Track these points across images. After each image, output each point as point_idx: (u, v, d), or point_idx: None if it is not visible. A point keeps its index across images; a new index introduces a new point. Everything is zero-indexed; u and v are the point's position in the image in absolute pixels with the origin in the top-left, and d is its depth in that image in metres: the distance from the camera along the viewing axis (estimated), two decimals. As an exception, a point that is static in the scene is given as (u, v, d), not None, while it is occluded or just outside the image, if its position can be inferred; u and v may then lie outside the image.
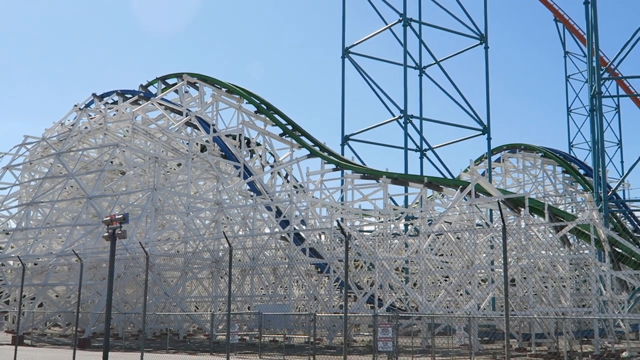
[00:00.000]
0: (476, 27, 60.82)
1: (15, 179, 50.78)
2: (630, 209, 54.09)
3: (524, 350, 34.22)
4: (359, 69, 60.81)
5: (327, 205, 51.49)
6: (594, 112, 46.23)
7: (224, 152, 51.13)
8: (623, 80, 55.99)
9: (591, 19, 46.62)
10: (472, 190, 40.43)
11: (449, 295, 39.95)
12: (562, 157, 63.73)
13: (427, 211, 45.69)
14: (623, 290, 37.97)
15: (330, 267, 40.49)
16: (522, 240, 38.54)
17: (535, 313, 33.53)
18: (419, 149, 59.07)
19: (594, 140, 46.40)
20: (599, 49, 47.99)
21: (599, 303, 34.67)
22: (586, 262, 37.96)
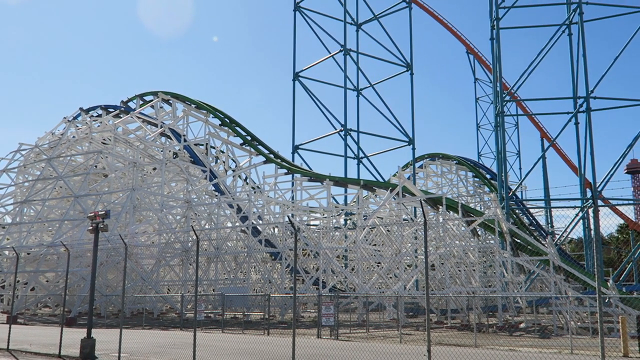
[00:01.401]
0: (403, 57, 61.53)
1: (10, 180, 49.23)
2: (526, 206, 55.35)
3: (442, 323, 34.63)
4: (307, 90, 60.82)
5: (280, 203, 51.30)
6: (498, 127, 47.11)
7: (193, 158, 50.50)
8: (521, 102, 57.23)
9: (496, 52, 47.53)
10: (400, 191, 40.82)
11: (380, 278, 40.26)
12: (472, 164, 64.85)
13: (362, 208, 45.95)
14: (521, 273, 38.79)
15: (282, 255, 40.35)
16: (440, 232, 39.08)
17: (451, 292, 34.01)
18: (357, 157, 59.38)
19: (498, 150, 47.33)
20: (502, 77, 48.97)
21: (502, 284, 35.37)
22: (491, 250, 38.69)
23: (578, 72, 44.99)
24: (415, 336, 26.21)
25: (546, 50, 45.56)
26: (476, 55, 71.83)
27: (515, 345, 22.12)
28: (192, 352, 14.86)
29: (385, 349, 19.95)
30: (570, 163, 56.34)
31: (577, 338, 24.46)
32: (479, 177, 63.34)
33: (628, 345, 19.18)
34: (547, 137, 57.10)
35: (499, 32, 46.71)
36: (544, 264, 34.33)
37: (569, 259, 41.57)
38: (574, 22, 45.87)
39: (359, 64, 62.56)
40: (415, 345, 21.29)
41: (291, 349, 13.22)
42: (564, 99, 47.04)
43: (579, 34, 44.05)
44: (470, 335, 24.42)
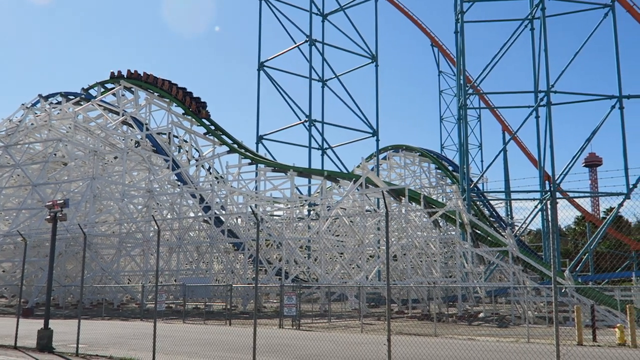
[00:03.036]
0: (369, 49, 61.67)
1: (-35, 168, 47.64)
2: (487, 198, 56.30)
3: (403, 313, 35.04)
4: (272, 80, 60.53)
5: (243, 193, 51.05)
6: (460, 120, 47.74)
7: (155, 147, 49.81)
8: (484, 96, 58.03)
9: (460, 46, 48.06)
10: (363, 182, 41.02)
11: (343, 268, 40.50)
12: (435, 156, 65.52)
13: (326, 199, 46.06)
14: (481, 264, 39.48)
15: (245, 245, 40.20)
16: (403, 223, 39.48)
17: (412, 283, 34.43)
18: (321, 148, 59.43)
19: (460, 143, 47.98)
20: (466, 70, 49.59)
21: (462, 274, 35.96)
22: (452, 241, 39.24)
23: (539, 67, 45.89)
24: (377, 326, 26.46)
25: (509, 44, 46.30)
26: (440, 49, 72.47)
27: (474, 334, 22.52)
28: (152, 342, 14.71)
29: (346, 339, 20.09)
30: (531, 156, 57.44)
31: (533, 327, 25.02)
32: (442, 168, 64.06)
33: (582, 333, 19.71)
34: (509, 130, 58.06)
35: (463, 25, 47.21)
36: (503, 254, 34.99)
37: (527, 250, 42.50)
38: (537, 17, 46.68)
39: (324, 55, 62.53)
40: (376, 335, 21.50)
41: (252, 339, 13.20)
42: (526, 93, 47.95)
43: (541, 29, 44.85)
44: (430, 324, 24.78)
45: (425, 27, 71.98)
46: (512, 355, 15.57)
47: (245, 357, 14.60)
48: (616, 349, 18.14)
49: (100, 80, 57.46)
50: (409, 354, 15.71)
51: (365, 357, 15.30)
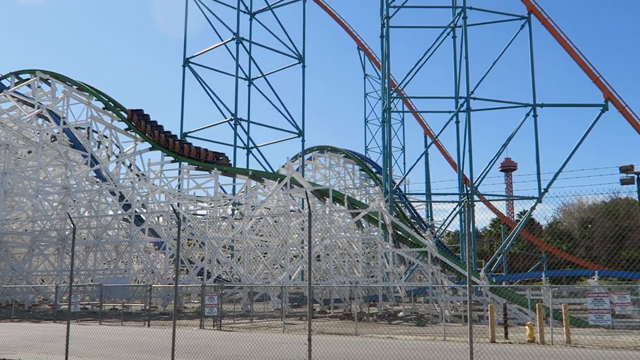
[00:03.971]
0: (296, 49, 61.81)
1: None
2: (409, 200, 57.63)
3: (325, 313, 35.31)
4: (197, 77, 59.55)
5: (166, 192, 49.98)
6: (384, 123, 48.62)
7: (73, 142, 47.92)
8: (407, 100, 59.35)
9: (385, 50, 48.96)
10: (288, 182, 41.09)
11: (266, 268, 40.39)
12: (359, 157, 66.45)
13: (250, 199, 45.81)
14: (401, 264, 40.39)
15: (166, 245, 39.38)
16: (326, 223, 39.81)
17: (334, 282, 34.78)
18: (246, 147, 59.03)
19: (384, 145, 48.86)
20: (390, 74, 50.57)
21: (383, 274, 36.65)
22: (375, 242, 39.93)
23: (460, 74, 47.38)
24: (299, 326, 26.55)
25: (432, 50, 47.60)
26: (366, 52, 73.53)
27: (393, 333, 23.00)
28: (65, 345, 14.16)
29: (267, 339, 20.06)
30: (451, 160, 59.20)
31: (450, 325, 25.83)
32: (366, 170, 65.02)
33: (495, 331, 20.52)
34: (430, 134, 59.63)
35: (389, 30, 48.14)
36: (423, 255, 35.91)
37: (446, 250, 43.80)
38: (458, 26, 48.20)
39: (251, 53, 62.16)
40: (297, 335, 21.57)
41: (171, 340, 12.95)
42: (447, 99, 49.43)
43: (462, 37, 46.33)
44: (351, 324, 25.09)
45: (352, 30, 72.92)
46: (428, 353, 16.02)
47: (164, 358, 14.30)
48: (526, 345, 18.99)
49: (14, 71, 54.80)
50: (330, 353, 15.86)
51: (286, 357, 15.32)
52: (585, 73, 45.94)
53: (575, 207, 77.69)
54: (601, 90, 45.13)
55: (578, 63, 46.21)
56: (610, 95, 44.86)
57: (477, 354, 11.40)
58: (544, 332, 19.87)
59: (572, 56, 46.43)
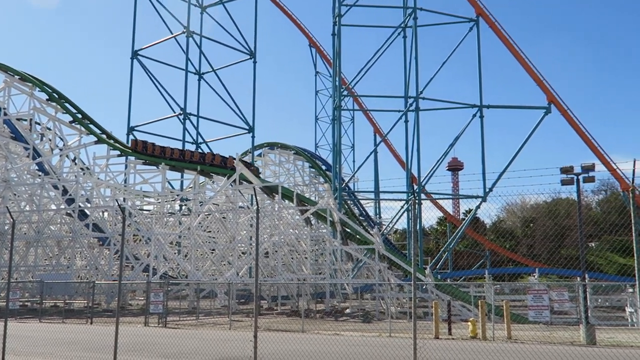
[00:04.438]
0: (247, 45, 61.43)
1: None
2: (357, 198, 58.08)
3: (272, 310, 35.27)
4: (145, 70, 58.43)
5: (111, 186, 48.87)
6: (335, 121, 48.90)
7: (14, 134, 46.24)
8: (358, 98, 59.77)
9: (336, 48, 49.20)
10: (237, 178, 40.80)
11: (214, 265, 40.04)
12: (309, 155, 66.54)
13: (199, 194, 45.30)
14: (349, 261, 40.69)
15: (111, 240, 38.56)
16: (275, 220, 39.74)
17: (282, 279, 34.76)
18: (195, 142, 58.36)
19: (334, 143, 49.15)
20: (341, 72, 50.86)
21: (331, 271, 36.87)
22: (323, 239, 40.10)
23: (410, 74, 48.05)
24: (246, 322, 26.43)
25: (383, 50, 48.09)
26: (318, 49, 73.65)
27: (339, 329, 23.18)
28: (2, 343, 13.70)
29: (213, 336, 19.90)
30: (399, 158, 59.98)
31: (396, 322, 26.22)
32: (315, 167, 65.17)
33: (439, 328, 20.93)
34: (380, 132, 60.24)
35: (341, 28, 48.39)
36: (370, 252, 36.28)
37: (393, 248, 44.37)
38: (409, 26, 48.84)
39: (201, 48, 61.42)
40: (243, 332, 21.47)
41: (114, 338, 12.70)
42: (397, 98, 50.06)
43: (413, 38, 47.00)
44: (298, 321, 25.14)
45: (304, 27, 72.90)
46: (373, 349, 16.21)
47: (106, 356, 14.02)
48: (468, 341, 19.44)
49: (-50, 58, 52.51)
50: (276, 350, 15.87)
51: (232, 354, 15.25)
52: (529, 76, 47.33)
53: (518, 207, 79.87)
54: (544, 93, 46.58)
55: (523, 66, 47.53)
56: (553, 98, 46.33)
57: (421, 349, 11.61)
58: (485, 328, 20.37)
59: (518, 59, 47.73)
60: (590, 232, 60.93)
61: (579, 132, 46.82)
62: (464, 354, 15.74)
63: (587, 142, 46.61)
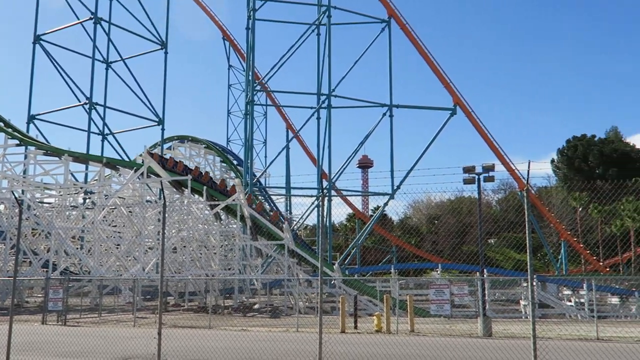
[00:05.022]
0: (159, 35, 59.82)
1: None
2: (269, 193, 58.03)
3: (179, 306, 34.67)
4: (49, 56, 55.63)
5: (9, 177, 46.18)
6: (247, 115, 48.64)
7: None
8: (271, 93, 59.64)
9: (250, 42, 48.89)
10: (145, 171, 39.71)
11: (118, 260, 38.80)
12: (221, 149, 65.71)
13: (104, 187, 43.72)
14: (259, 257, 40.61)
15: (7, 234, 36.52)
16: (184, 215, 39.05)
17: (190, 275, 34.24)
18: (101, 133, 56.21)
19: (246, 138, 48.89)
20: (255, 67, 50.61)
21: (240, 266, 36.68)
22: (233, 234, 39.80)
23: (323, 71, 48.45)
24: (151, 319, 25.83)
25: (296, 46, 48.27)
26: (232, 43, 72.84)
27: (247, 325, 23.12)
28: None
29: (116, 333, 19.33)
30: (311, 155, 60.43)
31: (304, 317, 26.43)
32: (226, 162, 64.47)
33: (345, 322, 21.32)
34: (292, 128, 60.42)
35: (255, 22, 48.11)
36: (280, 248, 36.38)
37: (302, 244, 44.65)
38: (323, 24, 49.21)
39: (110, 35, 59.17)
40: (148, 329, 20.98)
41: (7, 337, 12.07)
42: (309, 95, 50.36)
43: (326, 35, 47.41)
44: (206, 317, 24.85)
45: (218, 20, 71.89)
46: (279, 344, 16.31)
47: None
48: (372, 335, 19.94)
49: None
50: (181, 346, 15.63)
51: (135, 352, 14.87)
52: (437, 78, 49.00)
53: (424, 204, 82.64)
54: (451, 95, 48.39)
55: (431, 68, 49.15)
56: (459, 101, 48.21)
57: (326, 344, 11.81)
58: (390, 322, 20.96)
59: (426, 61, 49.28)
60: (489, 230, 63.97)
61: (482, 134, 49.00)
62: (367, 347, 16.14)
63: (489, 143, 48.86)
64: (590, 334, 18.87)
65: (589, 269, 52.70)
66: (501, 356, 13.61)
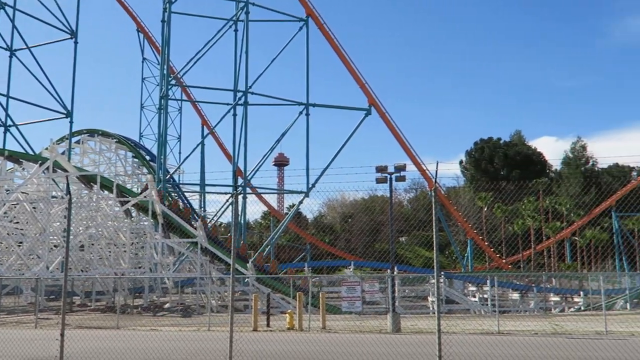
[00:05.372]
0: (68, 24, 57.19)
1: None
2: (182, 190, 56.89)
3: (86, 306, 33.38)
4: (-57, 40, 51.95)
5: None
6: (161, 110, 47.47)
7: None
8: (186, 88, 58.48)
9: (165, 36, 47.74)
10: (51, 166, 37.92)
11: (20, 258, 36.85)
12: (133, 144, 63.70)
13: (5, 182, 41.38)
14: (171, 255, 39.73)
15: None
16: (93, 211, 37.64)
17: (97, 274, 33.04)
18: (3, 125, 53.10)
19: (160, 133, 47.73)
20: (170, 61, 49.45)
21: (152, 265, 35.77)
22: (144, 232, 38.76)
23: (240, 68, 48.00)
24: (54, 320, 24.74)
25: (213, 41, 47.56)
26: (146, 35, 70.77)
27: (157, 325, 22.58)
28: None
29: (15, 336, 18.35)
30: (227, 152, 59.80)
31: (216, 315, 26.17)
32: (139, 157, 62.61)
33: (258, 320, 21.22)
34: (208, 125, 59.55)
35: (171, 15, 47.02)
36: (193, 246, 35.76)
37: (216, 241, 44.16)
38: (241, 20, 48.73)
39: (15, 22, 56.01)
40: (51, 330, 20.08)
41: None
42: (226, 91, 49.72)
43: (244, 32, 46.99)
44: (114, 317, 24.07)
45: (132, 11, 69.65)
46: (189, 344, 16.03)
47: None
48: (284, 332, 19.98)
49: None
50: (85, 348, 15.05)
51: (35, 354, 14.18)
52: (353, 79, 49.71)
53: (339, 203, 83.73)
54: (366, 95, 49.22)
55: (347, 69, 49.79)
56: (374, 101, 49.12)
57: (237, 342, 11.73)
58: (302, 319, 21.07)
59: (343, 62, 49.89)
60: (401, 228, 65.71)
61: (395, 134, 50.18)
62: (278, 344, 16.15)
63: (402, 143, 50.12)
64: (492, 328, 19.74)
65: (492, 266, 55.20)
66: (407, 351, 13.99)
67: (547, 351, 13.62)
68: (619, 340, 16.70)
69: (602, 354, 13.77)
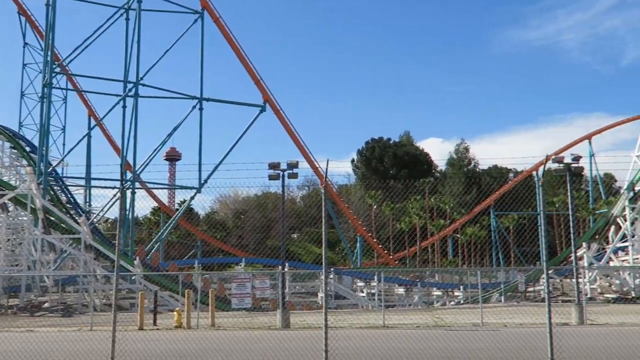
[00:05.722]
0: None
1: None
2: (66, 184, 54.05)
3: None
4: None
5: None
6: (44, 99, 44.98)
7: None
8: (72, 77, 55.56)
9: (50, 20, 45.18)
10: None
11: None
12: (11, 134, 59.61)
13: None
14: (52, 252, 37.65)
15: None
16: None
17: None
18: None
19: (42, 123, 45.23)
20: (55, 47, 46.86)
21: (30, 262, 33.72)
22: (22, 227, 36.49)
23: (131, 58, 46.29)
24: None
25: (103, 29, 45.49)
26: (28, 18, 66.53)
27: (34, 325, 21.34)
28: None
29: None
30: (115, 145, 57.47)
31: (99, 315, 25.14)
32: (18, 148, 58.72)
33: (144, 319, 20.57)
34: (95, 116, 56.95)
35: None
36: (76, 242, 34.10)
37: (102, 238, 42.38)
38: (132, 9, 46.99)
39: None
40: None
41: None
42: (116, 81, 47.74)
43: (136, 21, 45.36)
44: (-15, 318, 22.48)
45: (13, -8, 65.20)
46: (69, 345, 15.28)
47: None
48: (171, 331, 19.53)
49: None
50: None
51: None
52: (248, 74, 49.38)
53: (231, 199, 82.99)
54: (261, 92, 49.08)
55: (243, 64, 49.40)
56: (268, 98, 49.09)
57: (121, 341, 11.34)
58: (190, 317, 20.68)
59: (238, 57, 49.41)
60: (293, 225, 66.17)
61: (289, 131, 50.47)
62: (164, 343, 15.76)
63: (295, 141, 50.49)
64: (378, 322, 20.36)
65: (380, 262, 56.95)
66: (295, 346, 14.11)
67: (427, 343, 14.22)
68: (493, 331, 17.78)
69: (477, 345, 14.59)
